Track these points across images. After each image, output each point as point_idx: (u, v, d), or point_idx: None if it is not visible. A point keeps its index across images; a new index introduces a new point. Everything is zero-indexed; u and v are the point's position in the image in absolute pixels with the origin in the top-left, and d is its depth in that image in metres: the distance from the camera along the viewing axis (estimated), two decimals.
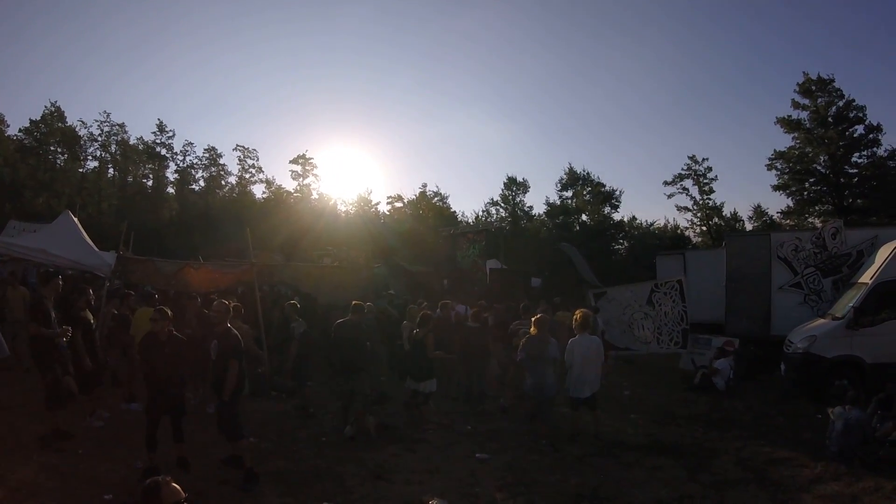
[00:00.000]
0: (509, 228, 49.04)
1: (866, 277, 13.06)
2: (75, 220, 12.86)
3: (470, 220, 53.60)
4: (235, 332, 7.83)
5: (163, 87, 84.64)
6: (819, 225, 27.99)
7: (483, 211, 56.39)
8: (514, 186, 55.98)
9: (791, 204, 46.87)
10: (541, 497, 7.29)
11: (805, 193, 45.92)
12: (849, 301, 12.99)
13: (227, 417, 7.59)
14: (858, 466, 8.29)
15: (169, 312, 8.02)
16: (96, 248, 12.73)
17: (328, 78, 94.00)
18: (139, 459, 7.70)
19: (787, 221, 46.41)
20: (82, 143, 50.01)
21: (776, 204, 66.10)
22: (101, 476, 7.33)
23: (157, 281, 13.48)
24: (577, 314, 10.13)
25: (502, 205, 56.29)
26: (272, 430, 9.80)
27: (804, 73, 45.13)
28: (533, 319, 10.17)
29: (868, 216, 40.73)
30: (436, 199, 58.45)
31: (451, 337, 11.91)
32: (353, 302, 10.49)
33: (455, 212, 57.24)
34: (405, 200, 58.28)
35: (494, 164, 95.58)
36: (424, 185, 59.32)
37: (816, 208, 45.67)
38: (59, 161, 49.44)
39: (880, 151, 42.86)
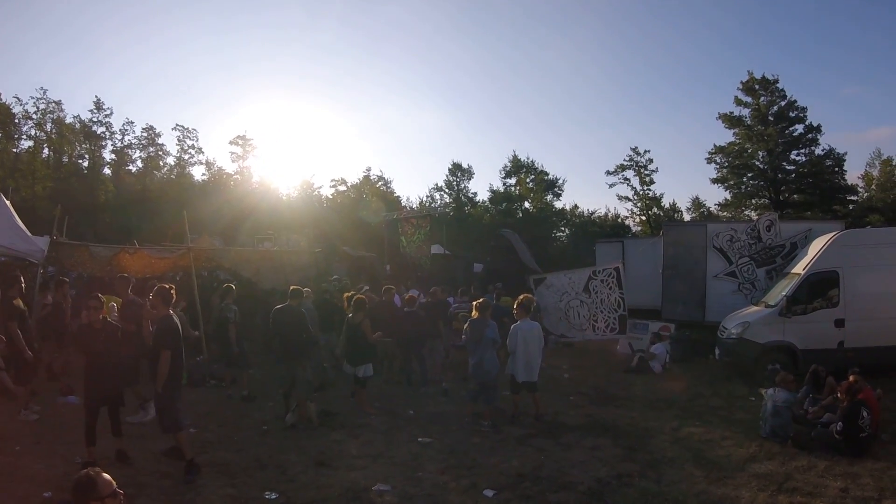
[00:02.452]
0: (453, 214, 49.14)
1: (799, 268, 13.50)
2: (8, 203, 12.41)
3: (414, 205, 53.52)
4: (175, 320, 7.58)
5: (102, 62, 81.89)
6: (755, 217, 28.86)
7: (427, 196, 56.41)
8: (459, 172, 56.09)
9: (729, 197, 48.23)
10: (483, 478, 7.33)
11: (743, 187, 47.30)
12: (782, 290, 13.43)
13: (163, 409, 7.36)
14: (791, 446, 8.57)
15: (104, 300, 7.81)
16: (29, 234, 12.31)
17: (268, 58, 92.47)
18: (78, 455, 7.52)
19: (725, 213, 47.67)
20: (17, 121, 48.00)
21: (714, 196, 67.94)
22: (40, 473, 7.12)
23: (91, 267, 13.09)
24: (520, 298, 10.29)
25: (446, 190, 56.38)
26: (212, 420, 9.68)
27: (748, 72, 46.50)
28: (474, 303, 10.31)
29: (804, 211, 42.14)
30: (379, 183, 58.19)
31: (393, 321, 11.94)
32: (291, 287, 10.40)
33: (399, 196, 57.14)
34: (349, 184, 57.86)
35: (440, 151, 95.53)
36: (368, 169, 59.05)
37: (753, 202, 47.06)
38: None
39: (818, 150, 44.35)
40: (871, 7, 71.66)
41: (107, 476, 3.37)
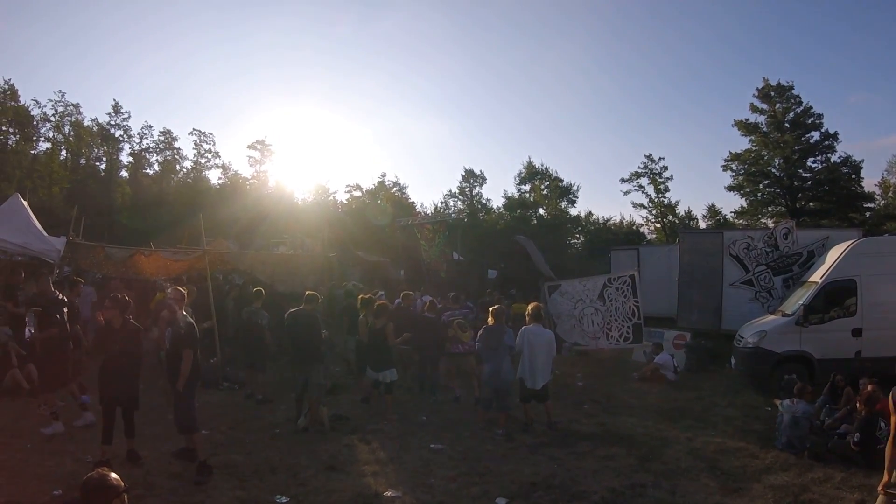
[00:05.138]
0: (467, 220, 49.17)
1: (817, 276, 13.35)
2: (25, 203, 12.52)
3: (429, 212, 53.65)
4: (190, 319, 7.65)
5: (120, 66, 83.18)
6: (771, 225, 28.69)
7: (441, 202, 56.49)
8: (472, 178, 56.17)
9: (745, 204, 48.03)
10: (495, 486, 7.29)
11: (759, 195, 47.06)
12: (799, 299, 13.28)
13: (182, 409, 7.42)
14: (807, 457, 8.46)
15: (125, 299, 7.83)
16: (45, 233, 12.40)
17: (283, 63, 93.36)
18: (88, 454, 7.59)
19: (741, 221, 47.41)
20: (35, 123, 48.45)
21: (730, 204, 67.68)
22: (51, 471, 7.16)
23: (107, 267, 13.16)
24: (530, 306, 10.29)
25: (460, 197, 56.45)
26: (224, 422, 9.68)
27: (764, 78, 46.34)
28: (490, 310, 10.34)
29: (820, 218, 41.84)
30: (394, 188, 58.34)
31: (412, 327, 11.93)
32: (307, 291, 10.42)
33: (413, 202, 57.29)
34: (364, 190, 58.07)
35: (456, 158, 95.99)
36: (383, 175, 59.24)
37: (770, 209, 46.82)
38: (10, 142, 47.75)
39: (834, 158, 44.07)
40: (877, 14, 71.30)
41: (115, 475, 3.37)
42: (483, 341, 9.99)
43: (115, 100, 56.86)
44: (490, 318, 10.07)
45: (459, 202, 56.11)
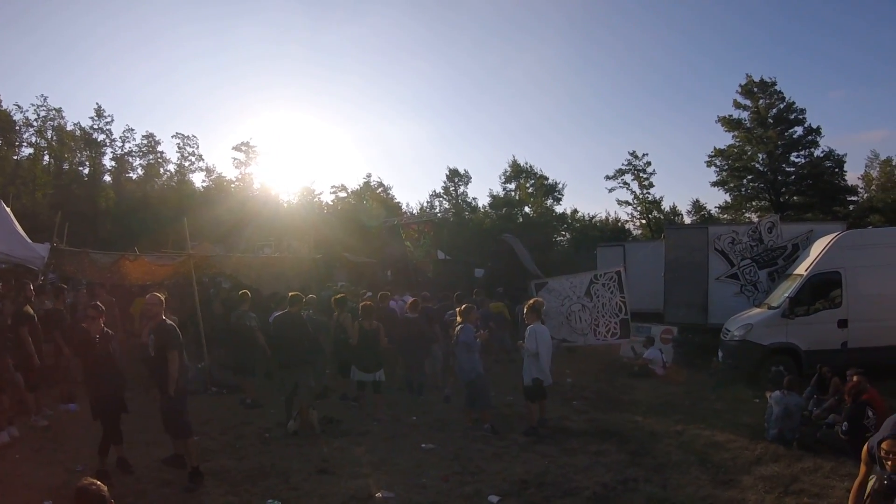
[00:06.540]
0: (453, 220, 49.10)
1: (801, 269, 13.48)
2: (7, 209, 12.38)
3: (415, 212, 53.56)
4: (171, 322, 7.56)
5: (103, 71, 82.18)
6: (756, 219, 28.85)
7: (427, 202, 56.44)
8: (457, 178, 56.14)
9: (729, 199, 48.32)
10: (487, 485, 7.30)
11: (743, 190, 47.39)
12: (784, 292, 13.41)
13: (173, 414, 7.32)
14: (797, 448, 8.53)
15: (103, 308, 7.78)
16: (29, 240, 12.27)
17: (268, 63, 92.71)
18: (79, 463, 7.53)
19: (725, 216, 47.71)
20: (17, 128, 47.98)
21: (715, 199, 67.99)
22: (41, 481, 7.08)
23: (91, 273, 13.04)
24: (531, 302, 10.34)
25: (445, 197, 56.45)
26: (214, 427, 9.62)
27: (747, 74, 46.61)
28: (457, 309, 10.51)
29: (804, 212, 42.20)
30: (380, 189, 58.22)
31: (391, 327, 11.94)
32: (291, 293, 10.38)
33: (399, 202, 57.22)
34: (349, 191, 57.91)
35: (441, 157, 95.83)
36: (368, 176, 59.07)
37: (753, 204, 47.16)
38: None
39: (818, 152, 44.46)
40: (859, 10, 72.05)
41: (104, 487, 3.37)
42: (455, 338, 10.11)
43: (97, 103, 56.35)
44: (458, 317, 10.19)
45: (445, 202, 56.15)
